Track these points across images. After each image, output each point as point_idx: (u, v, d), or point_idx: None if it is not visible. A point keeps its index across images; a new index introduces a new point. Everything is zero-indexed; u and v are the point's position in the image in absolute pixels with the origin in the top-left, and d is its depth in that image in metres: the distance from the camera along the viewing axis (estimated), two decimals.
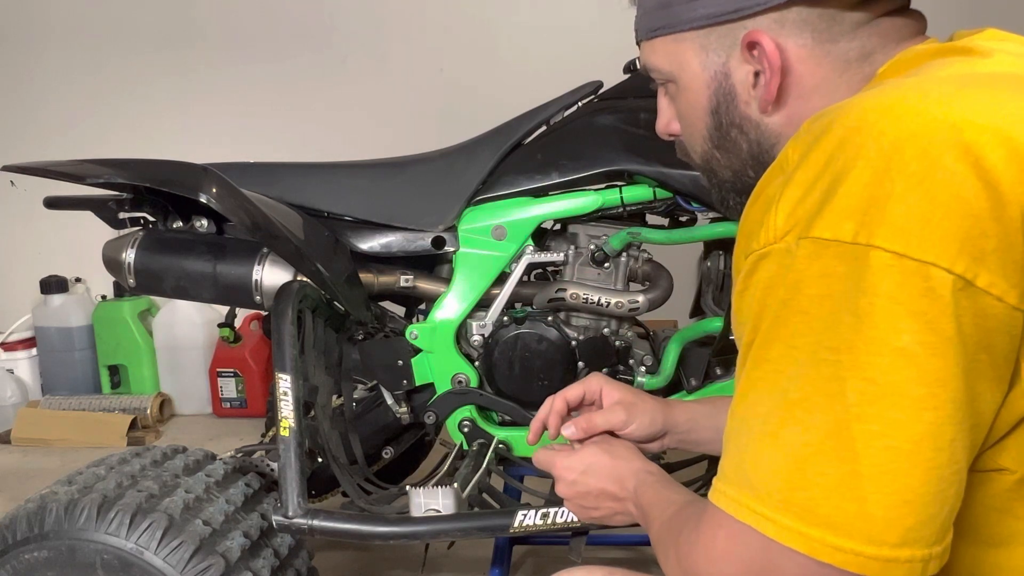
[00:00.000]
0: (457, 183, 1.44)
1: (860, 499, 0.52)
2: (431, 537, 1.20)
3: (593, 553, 1.78)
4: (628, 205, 1.39)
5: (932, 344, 0.51)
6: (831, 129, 0.57)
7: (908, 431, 0.51)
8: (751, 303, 0.58)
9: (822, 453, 0.53)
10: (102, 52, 3.38)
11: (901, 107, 0.55)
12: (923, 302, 0.51)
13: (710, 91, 0.74)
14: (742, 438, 0.57)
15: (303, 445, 1.21)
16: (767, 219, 0.57)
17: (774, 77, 0.69)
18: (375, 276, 1.45)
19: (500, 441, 1.43)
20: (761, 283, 0.57)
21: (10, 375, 3.13)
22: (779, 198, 0.57)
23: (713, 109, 0.75)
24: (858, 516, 0.52)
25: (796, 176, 0.57)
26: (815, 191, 0.55)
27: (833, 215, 0.53)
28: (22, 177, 1.32)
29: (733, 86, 0.73)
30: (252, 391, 3.03)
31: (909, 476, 0.51)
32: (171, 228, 1.40)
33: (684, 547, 0.64)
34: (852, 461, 0.52)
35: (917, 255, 0.51)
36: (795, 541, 0.53)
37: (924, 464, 0.51)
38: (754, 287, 0.58)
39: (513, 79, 2.95)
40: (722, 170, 0.79)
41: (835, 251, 0.53)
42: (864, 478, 0.52)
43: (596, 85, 1.47)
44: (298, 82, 3.27)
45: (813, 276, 0.54)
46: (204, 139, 3.28)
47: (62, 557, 1.13)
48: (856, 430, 0.52)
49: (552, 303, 1.41)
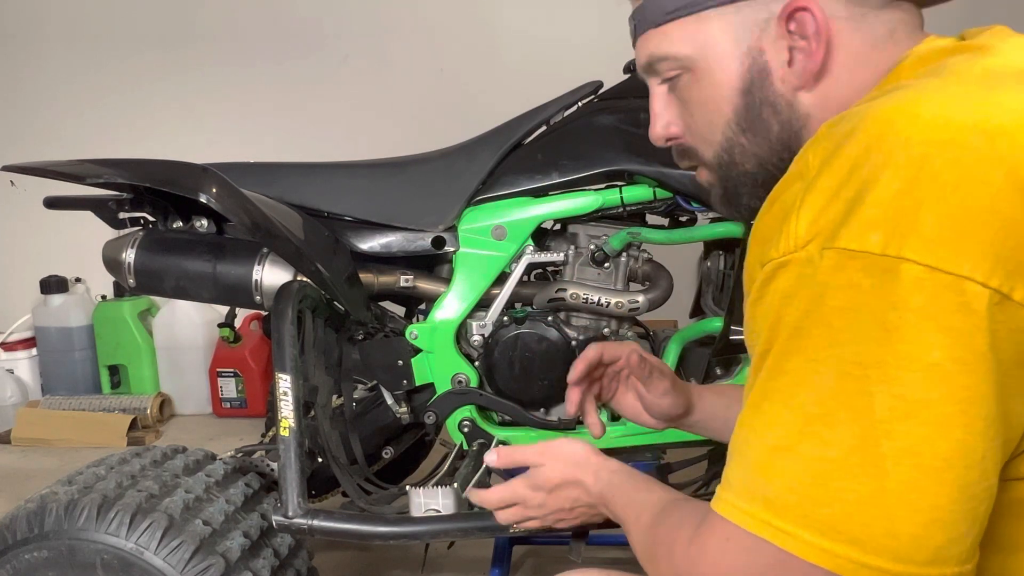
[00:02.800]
0: (457, 183, 1.44)
1: (888, 517, 0.51)
2: (431, 537, 1.20)
3: (593, 553, 1.78)
4: (628, 205, 1.39)
5: (964, 360, 0.50)
6: (855, 135, 0.55)
7: (938, 448, 0.50)
8: (767, 312, 0.57)
9: (847, 469, 0.52)
10: (102, 52, 3.38)
11: (930, 113, 0.54)
12: (956, 317, 0.49)
13: (743, 68, 0.70)
14: (753, 450, 0.56)
15: (303, 445, 1.21)
16: (786, 227, 0.55)
17: (820, 47, 0.66)
18: (375, 276, 1.45)
19: (500, 441, 1.43)
20: (779, 292, 0.56)
21: (10, 375, 3.13)
22: (800, 205, 0.55)
23: (745, 88, 0.70)
24: (886, 534, 0.51)
25: (818, 183, 0.55)
26: (839, 199, 0.53)
27: (860, 225, 0.52)
28: (22, 177, 1.32)
29: (767, 63, 0.69)
30: (252, 391, 3.03)
31: (939, 494, 0.50)
32: (171, 228, 1.40)
33: (681, 559, 0.63)
34: (879, 478, 0.51)
35: (951, 268, 0.49)
36: (818, 557, 0.52)
37: (954, 482, 0.50)
38: (771, 296, 0.56)
39: (513, 79, 2.96)
40: (746, 159, 0.73)
41: (862, 262, 0.51)
42: (892, 495, 0.51)
43: (596, 85, 1.47)
44: (298, 82, 3.27)
45: (838, 288, 0.52)
46: (204, 139, 3.28)
47: (62, 557, 1.13)
48: (884, 446, 0.51)
49: (552, 303, 1.41)
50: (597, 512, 0.90)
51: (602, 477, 0.86)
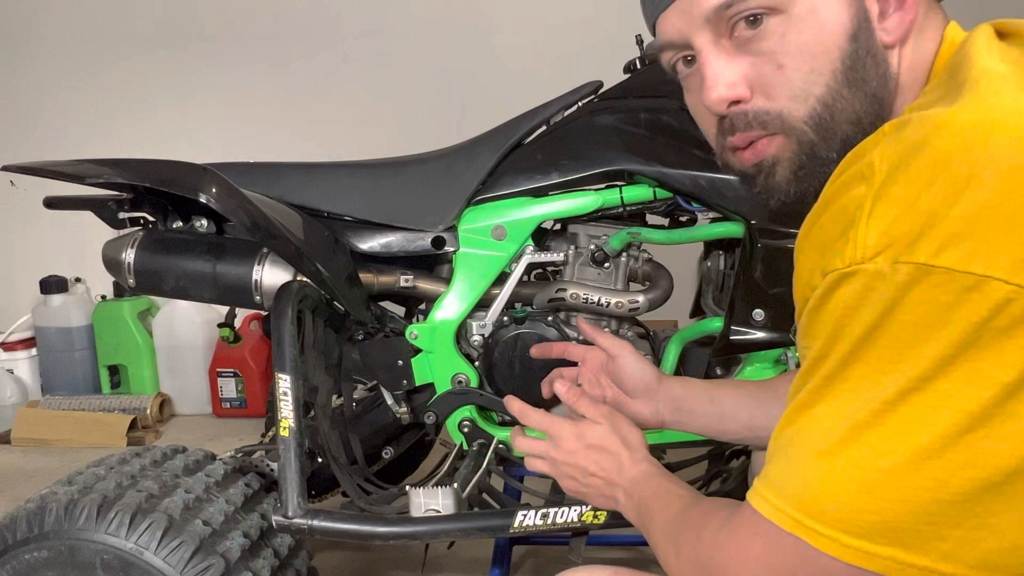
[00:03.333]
0: (457, 183, 1.44)
1: (941, 523, 0.51)
2: (431, 537, 1.20)
3: (593, 553, 1.78)
4: (628, 205, 1.39)
5: None
6: (934, 142, 0.52)
7: (1002, 463, 0.50)
8: (827, 319, 0.55)
9: (902, 478, 0.52)
10: (102, 52, 3.38)
11: (1016, 120, 0.52)
12: None
13: (852, 10, 0.64)
14: (797, 449, 0.56)
15: (303, 445, 1.21)
16: (853, 234, 0.53)
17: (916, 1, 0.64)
18: (375, 276, 1.45)
19: (500, 441, 1.43)
20: (843, 302, 0.54)
21: (10, 375, 3.13)
22: (869, 213, 0.53)
23: (854, 33, 0.64)
24: (937, 537, 0.52)
25: (892, 191, 0.52)
26: (917, 211, 0.51)
27: (941, 239, 0.50)
28: (22, 177, 1.32)
29: (867, 10, 0.65)
30: (252, 391, 3.03)
31: (994, 503, 0.51)
32: (171, 228, 1.40)
33: (708, 544, 0.64)
34: (936, 489, 0.51)
35: None
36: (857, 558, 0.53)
37: (1015, 496, 0.51)
38: (834, 305, 0.55)
39: (513, 79, 2.96)
40: (845, 117, 0.66)
41: (941, 278, 0.50)
42: (948, 504, 0.51)
43: (596, 85, 1.47)
44: (298, 82, 3.27)
45: (912, 303, 0.51)
46: (204, 139, 3.28)
47: (62, 557, 1.13)
48: (946, 458, 0.51)
49: (552, 303, 1.41)
50: (607, 495, 0.90)
51: (640, 464, 0.88)
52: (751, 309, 1.30)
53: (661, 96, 1.40)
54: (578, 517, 1.16)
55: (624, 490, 0.88)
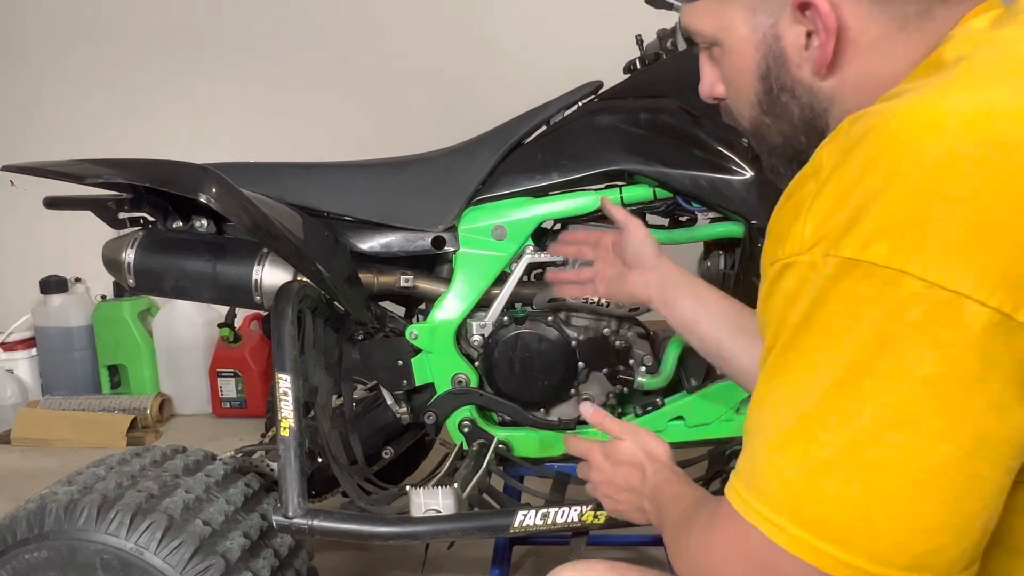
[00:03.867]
0: (457, 183, 1.44)
1: (871, 520, 0.52)
2: (431, 537, 1.20)
3: (593, 553, 1.77)
4: (628, 205, 1.38)
5: (957, 377, 0.50)
6: (868, 138, 0.54)
7: (924, 461, 0.51)
8: (773, 309, 0.58)
9: (835, 471, 0.52)
10: (102, 52, 3.38)
11: (946, 119, 0.52)
12: (952, 334, 0.49)
13: (759, 55, 0.70)
14: (757, 440, 0.58)
15: (303, 445, 1.21)
16: (795, 228, 0.56)
17: (829, 39, 0.65)
18: (375, 276, 1.45)
19: (500, 441, 1.44)
20: (784, 292, 0.56)
21: (10, 375, 3.13)
22: (809, 207, 0.55)
23: (763, 74, 0.71)
24: (868, 536, 0.52)
25: (827, 187, 0.55)
26: (846, 205, 0.53)
27: (865, 234, 0.51)
28: (22, 177, 1.32)
29: (784, 49, 0.69)
30: (252, 391, 3.03)
31: (923, 504, 0.51)
32: (171, 228, 1.40)
33: (696, 539, 0.65)
34: (865, 483, 0.52)
35: (951, 285, 0.49)
36: (803, 551, 0.53)
37: (939, 495, 0.51)
38: (777, 295, 0.57)
39: (513, 79, 2.95)
40: (772, 136, 0.75)
41: (864, 272, 0.51)
42: (876, 500, 0.52)
43: (596, 85, 1.47)
44: (298, 82, 3.27)
45: (838, 295, 0.52)
46: (204, 139, 3.28)
47: (62, 557, 1.13)
48: (872, 453, 0.51)
49: (552, 303, 1.41)
50: (637, 507, 0.93)
51: (660, 472, 0.90)
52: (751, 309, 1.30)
53: (661, 96, 1.40)
54: (578, 517, 1.16)
55: (648, 499, 0.90)
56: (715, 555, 0.62)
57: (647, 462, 0.92)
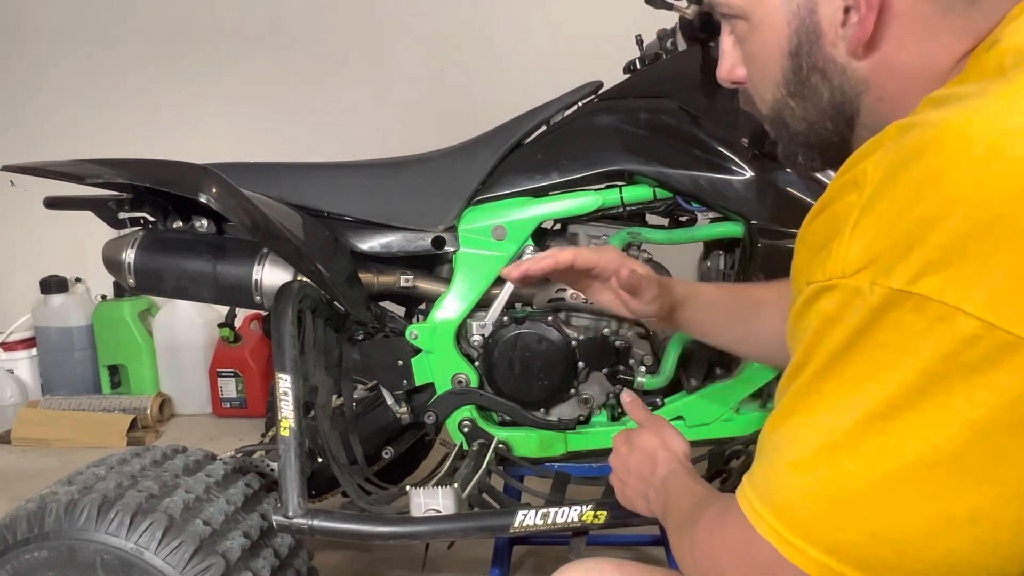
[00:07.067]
0: (457, 183, 1.44)
1: (903, 553, 0.51)
2: (431, 537, 1.20)
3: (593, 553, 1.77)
4: (628, 205, 1.39)
5: (1009, 422, 0.47)
6: (925, 155, 0.49)
7: (967, 501, 0.49)
8: (807, 329, 0.55)
9: (866, 502, 0.51)
10: (102, 52, 3.38)
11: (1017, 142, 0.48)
12: (1008, 380, 0.47)
13: (790, 30, 0.65)
14: (776, 455, 0.56)
15: (303, 445, 1.21)
16: (836, 246, 0.52)
17: (870, 13, 0.60)
18: (375, 276, 1.45)
19: (500, 441, 1.43)
20: (822, 314, 0.53)
21: (10, 375, 3.13)
22: (853, 225, 0.51)
23: (792, 51, 0.66)
24: (898, 568, 0.51)
25: (877, 206, 0.51)
26: (897, 231, 0.49)
27: (918, 266, 0.48)
28: (22, 177, 1.32)
29: (818, 23, 0.63)
30: (252, 391, 3.03)
31: (960, 542, 0.50)
32: (171, 228, 1.40)
33: (701, 537, 0.65)
34: (900, 516, 0.50)
35: (1012, 328, 0.46)
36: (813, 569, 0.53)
37: (979, 537, 0.50)
38: (813, 315, 0.54)
39: (513, 79, 2.95)
40: (795, 121, 0.70)
41: (915, 304, 0.48)
42: (911, 535, 0.50)
43: (596, 85, 1.47)
44: (298, 82, 3.27)
45: (887, 326, 0.49)
46: (204, 139, 3.28)
47: (62, 557, 1.13)
48: (910, 489, 0.50)
49: (552, 303, 1.41)
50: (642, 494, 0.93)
51: (672, 464, 0.90)
52: None
53: (661, 96, 1.40)
54: (578, 517, 1.16)
55: (655, 488, 0.90)
56: (719, 557, 0.61)
57: (662, 453, 0.92)
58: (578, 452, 1.46)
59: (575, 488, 1.41)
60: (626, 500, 0.98)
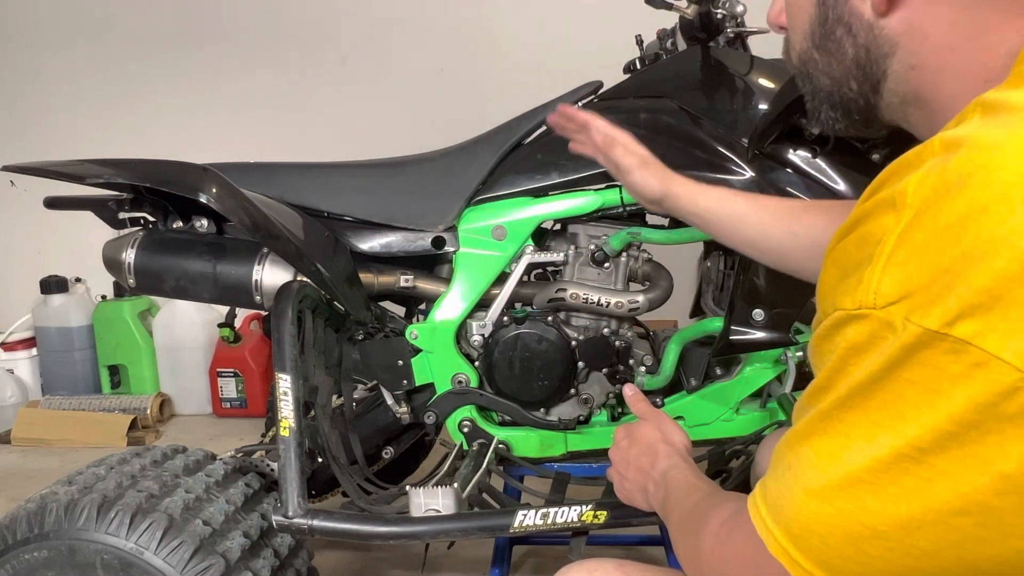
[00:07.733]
0: (457, 183, 1.44)
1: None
2: (431, 537, 1.20)
3: (593, 553, 1.77)
4: (628, 205, 1.38)
5: None
6: (970, 185, 0.46)
7: (993, 551, 0.48)
8: (831, 354, 0.53)
9: (886, 541, 0.50)
10: (102, 52, 3.38)
11: None
12: None
13: None
14: (793, 478, 0.55)
15: (303, 445, 1.21)
16: (868, 273, 0.49)
17: None
18: (375, 276, 1.45)
19: (500, 441, 1.43)
20: (848, 342, 0.51)
21: (10, 375, 3.13)
22: (889, 255, 0.48)
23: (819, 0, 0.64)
24: None
25: (917, 235, 0.47)
26: (936, 265, 0.46)
27: (956, 308, 0.45)
28: (22, 177, 1.32)
29: None
30: (252, 391, 3.03)
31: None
32: (171, 228, 1.40)
33: (707, 541, 0.65)
34: (920, 560, 0.49)
35: None
36: None
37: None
38: (839, 341, 0.52)
39: (513, 79, 2.95)
40: (819, 76, 0.67)
41: (951, 346, 0.45)
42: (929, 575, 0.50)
43: (596, 85, 1.47)
44: (298, 82, 3.27)
45: (918, 364, 0.47)
46: (204, 139, 3.28)
47: (62, 557, 1.13)
48: (933, 534, 0.48)
49: (552, 303, 1.41)
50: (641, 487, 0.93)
51: (672, 458, 0.90)
52: (751, 309, 1.30)
53: (661, 96, 1.40)
54: (578, 517, 1.16)
55: (654, 481, 0.89)
56: (726, 565, 0.61)
57: (663, 447, 0.92)
58: (578, 452, 1.46)
59: (575, 488, 1.41)
60: (624, 494, 0.97)
